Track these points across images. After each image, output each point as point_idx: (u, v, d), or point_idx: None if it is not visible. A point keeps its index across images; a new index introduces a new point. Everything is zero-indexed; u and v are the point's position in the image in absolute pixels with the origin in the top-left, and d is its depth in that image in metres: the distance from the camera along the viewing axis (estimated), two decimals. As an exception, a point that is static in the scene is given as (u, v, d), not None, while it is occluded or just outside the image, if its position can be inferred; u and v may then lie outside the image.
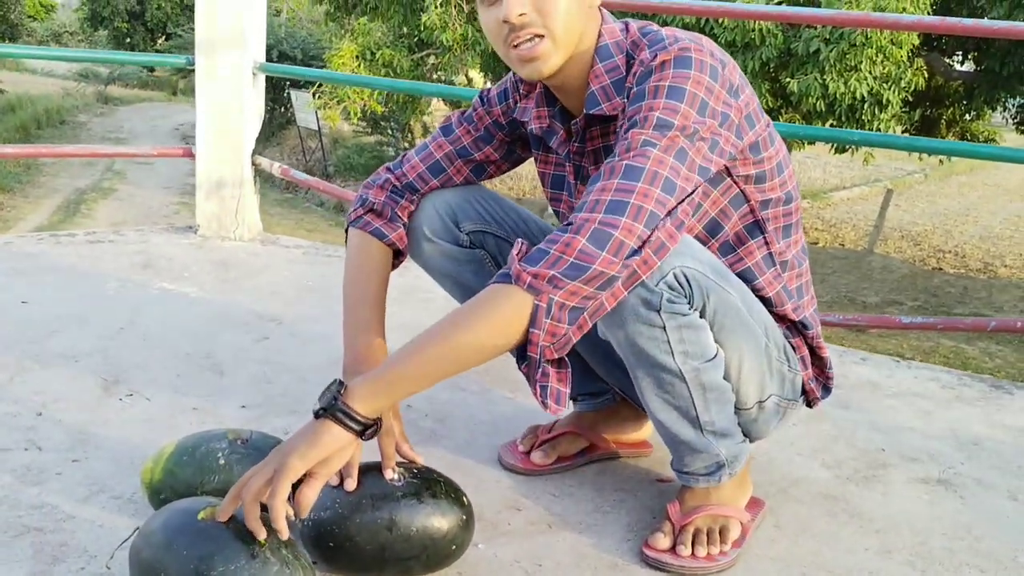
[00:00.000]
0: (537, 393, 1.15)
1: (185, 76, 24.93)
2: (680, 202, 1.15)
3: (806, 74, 8.23)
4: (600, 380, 1.56)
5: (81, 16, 33.09)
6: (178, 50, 18.85)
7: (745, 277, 1.31)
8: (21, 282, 2.39)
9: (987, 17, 8.23)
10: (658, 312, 1.17)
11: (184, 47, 18.60)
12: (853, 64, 8.04)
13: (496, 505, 1.43)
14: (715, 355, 1.24)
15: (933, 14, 8.08)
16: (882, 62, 8.14)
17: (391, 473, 1.18)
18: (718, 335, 1.23)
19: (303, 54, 17.62)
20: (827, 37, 7.98)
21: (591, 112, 1.27)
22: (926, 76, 9.30)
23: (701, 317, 1.21)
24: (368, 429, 1.10)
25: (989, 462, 1.72)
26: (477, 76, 14.82)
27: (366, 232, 1.42)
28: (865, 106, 8.27)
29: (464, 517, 1.20)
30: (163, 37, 29.50)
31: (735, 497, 1.37)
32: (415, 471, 1.21)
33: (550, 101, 1.36)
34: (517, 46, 1.20)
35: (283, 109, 17.94)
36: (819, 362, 1.41)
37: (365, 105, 12.23)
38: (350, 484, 1.15)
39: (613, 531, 1.38)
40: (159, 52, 24.94)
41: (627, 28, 1.28)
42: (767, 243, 1.32)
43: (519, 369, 1.18)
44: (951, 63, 10.83)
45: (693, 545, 1.30)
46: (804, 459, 1.68)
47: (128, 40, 29.81)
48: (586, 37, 1.25)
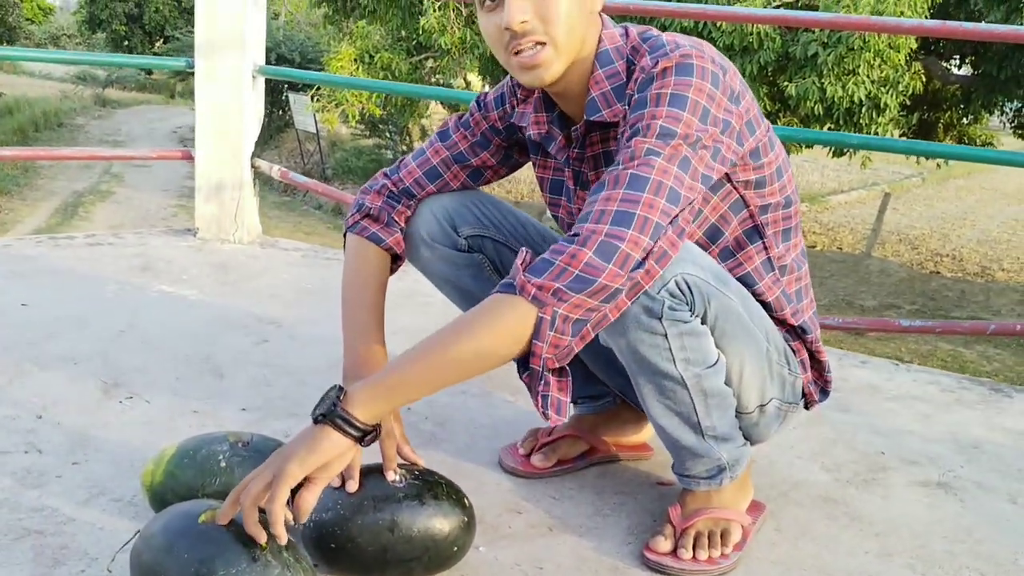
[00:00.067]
0: (538, 404, 1.15)
1: (183, 79, 24.91)
2: (682, 210, 1.14)
3: (804, 78, 8.24)
4: (600, 383, 1.56)
5: (79, 19, 33.09)
6: (176, 53, 18.83)
7: (745, 282, 1.30)
8: (20, 285, 2.39)
9: (984, 21, 8.26)
10: (660, 320, 1.16)
11: (182, 50, 18.62)
12: (851, 68, 8.06)
13: (497, 508, 1.43)
14: (716, 361, 1.23)
15: (931, 18, 8.10)
16: (880, 66, 8.17)
17: (393, 475, 1.18)
18: (719, 341, 1.23)
19: (301, 57, 17.61)
20: (825, 41, 8.00)
21: (591, 119, 1.26)
22: (924, 80, 9.32)
23: (703, 323, 1.20)
24: (367, 435, 1.09)
25: (989, 465, 1.73)
26: (475, 79, 14.85)
27: (363, 237, 1.42)
28: (863, 110, 8.29)
29: (466, 519, 1.20)
30: (161, 40, 29.48)
31: (736, 500, 1.37)
32: (416, 473, 1.21)
33: (548, 106, 1.35)
34: (519, 53, 1.19)
35: (281, 112, 17.95)
36: (818, 365, 1.41)
37: (363, 108, 12.24)
38: (352, 486, 1.15)
39: (614, 534, 1.38)
40: (157, 55, 24.95)
41: (627, 33, 1.27)
42: (766, 248, 1.31)
43: (520, 378, 1.17)
44: (948, 67, 10.87)
45: (694, 548, 1.30)
46: (804, 462, 1.68)
47: (126, 43, 29.79)
48: (587, 43, 1.24)
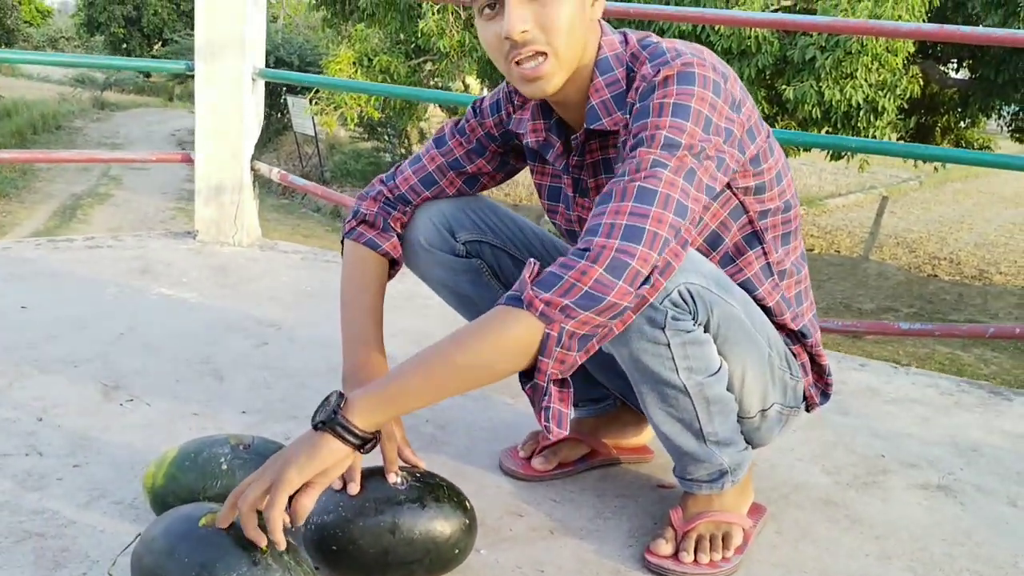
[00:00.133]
0: (541, 418, 1.14)
1: (181, 82, 24.93)
2: (688, 222, 1.14)
3: (802, 81, 8.24)
4: (600, 386, 1.56)
5: (77, 22, 33.09)
6: (174, 56, 18.84)
7: (745, 288, 1.30)
8: (20, 287, 2.39)
9: (982, 25, 8.28)
10: (663, 330, 1.16)
11: (180, 53, 18.61)
12: (849, 71, 8.06)
13: (497, 511, 1.43)
14: (719, 369, 1.23)
15: (928, 22, 8.12)
16: (877, 69, 8.17)
17: (394, 477, 1.18)
18: (722, 347, 1.23)
19: (300, 60, 17.63)
20: (823, 44, 8.00)
21: (591, 127, 1.25)
22: (921, 83, 9.35)
23: (705, 331, 1.20)
24: (367, 443, 1.09)
25: (988, 468, 1.73)
26: (474, 82, 14.83)
27: (360, 243, 1.42)
28: (861, 113, 8.29)
29: (467, 521, 1.20)
30: (159, 43, 29.49)
31: (737, 504, 1.37)
32: (418, 475, 1.21)
33: (546, 114, 1.34)
34: (519, 63, 1.18)
35: (279, 115, 17.95)
36: (818, 368, 1.41)
37: (362, 111, 12.24)
38: (353, 488, 1.15)
39: (615, 537, 1.38)
40: (155, 58, 24.98)
41: (626, 40, 1.26)
42: (765, 253, 1.31)
43: (523, 390, 1.17)
44: (946, 71, 10.88)
45: (696, 551, 1.30)
46: (805, 465, 1.68)
47: (124, 46, 29.80)
48: (587, 51, 1.23)
